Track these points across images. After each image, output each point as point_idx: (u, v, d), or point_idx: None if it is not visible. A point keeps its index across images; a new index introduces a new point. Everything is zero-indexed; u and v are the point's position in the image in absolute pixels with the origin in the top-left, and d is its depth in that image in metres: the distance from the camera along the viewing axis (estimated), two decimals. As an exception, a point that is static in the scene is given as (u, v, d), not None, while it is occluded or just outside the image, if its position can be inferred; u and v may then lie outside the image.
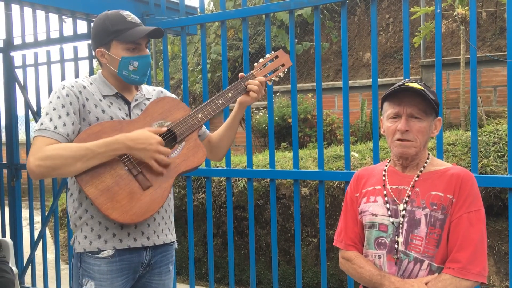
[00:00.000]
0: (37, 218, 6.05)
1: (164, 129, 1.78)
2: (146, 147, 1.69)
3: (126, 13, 1.82)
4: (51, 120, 1.71)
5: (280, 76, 2.06)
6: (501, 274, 3.51)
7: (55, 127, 1.69)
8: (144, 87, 1.97)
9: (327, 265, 3.45)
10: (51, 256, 4.79)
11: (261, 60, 2.03)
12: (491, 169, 3.53)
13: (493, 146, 3.72)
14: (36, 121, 3.90)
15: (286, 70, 2.06)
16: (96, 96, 1.80)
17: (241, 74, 1.97)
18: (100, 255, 1.76)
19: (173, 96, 2.01)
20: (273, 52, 2.06)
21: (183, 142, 1.83)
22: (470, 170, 2.46)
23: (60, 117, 1.71)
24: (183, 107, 1.90)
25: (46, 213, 3.90)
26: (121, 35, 1.77)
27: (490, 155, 3.65)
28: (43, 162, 1.63)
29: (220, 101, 1.90)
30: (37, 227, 5.07)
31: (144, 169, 1.75)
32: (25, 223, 4.93)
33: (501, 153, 3.63)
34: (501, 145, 3.69)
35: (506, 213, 2.55)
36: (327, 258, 3.27)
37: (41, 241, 3.88)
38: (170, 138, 1.82)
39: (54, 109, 1.72)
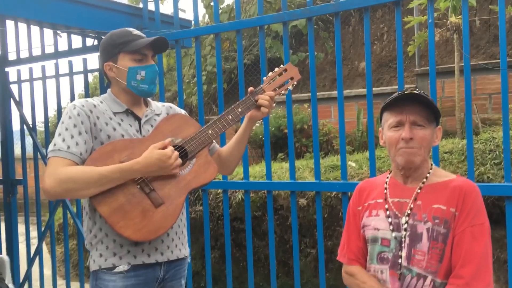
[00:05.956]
0: (34, 233, 6.01)
1: (167, 140, 1.80)
2: (162, 166, 1.73)
3: (131, 29, 1.90)
4: (64, 140, 1.74)
5: (289, 89, 2.07)
6: (500, 283, 3.49)
7: (68, 147, 1.73)
8: (154, 103, 2.01)
9: (326, 276, 3.42)
10: (48, 271, 4.75)
11: (270, 74, 2.05)
12: (488, 177, 3.53)
13: (489, 153, 3.72)
14: (32, 137, 3.90)
15: (295, 83, 2.08)
16: (107, 114, 1.83)
17: (250, 88, 1.98)
18: (115, 270, 1.77)
19: (183, 111, 2.06)
20: (282, 66, 2.08)
21: (194, 158, 1.87)
22: (466, 178, 2.46)
23: (72, 136, 1.75)
24: (193, 123, 1.94)
25: (43, 228, 3.87)
26: (128, 45, 1.82)
27: (487, 163, 3.64)
28: (58, 185, 1.67)
29: (230, 117, 1.93)
30: (34, 242, 5.03)
31: (156, 186, 1.77)
32: (22, 239, 4.89)
33: (498, 161, 3.63)
34: (497, 152, 3.69)
35: (505, 221, 2.54)
36: (326, 270, 3.25)
37: (37, 257, 3.85)
38: (182, 155, 1.83)
39: (66, 129, 1.76)
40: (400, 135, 1.59)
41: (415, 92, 1.60)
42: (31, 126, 3.91)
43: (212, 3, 7.55)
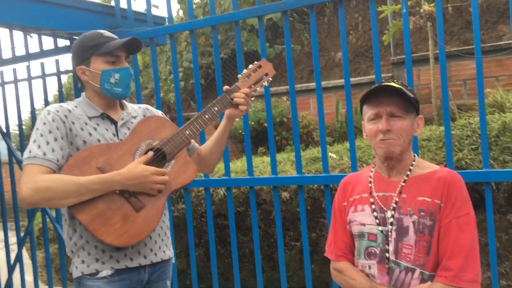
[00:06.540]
0: (13, 239, 5.90)
1: (150, 154, 1.78)
2: (143, 181, 1.71)
3: (102, 30, 1.87)
4: (39, 147, 1.71)
5: (264, 85, 2.06)
6: (482, 265, 3.54)
7: (44, 154, 1.70)
8: (130, 106, 1.98)
9: (312, 268, 3.44)
10: (29, 278, 4.67)
11: (245, 71, 2.03)
12: (466, 162, 3.58)
13: (466, 139, 3.77)
14: (6, 141, 3.81)
15: (270, 79, 2.06)
16: (82, 119, 1.80)
17: (226, 87, 1.96)
18: (99, 276, 1.76)
19: (160, 112, 2.04)
20: (256, 62, 2.06)
21: (173, 160, 1.85)
22: (445, 165, 2.49)
23: (48, 143, 1.71)
24: (170, 125, 1.92)
25: (22, 234, 3.80)
26: (100, 48, 1.79)
27: (465, 149, 3.69)
28: (36, 193, 1.64)
29: (207, 116, 1.91)
30: (13, 248, 4.94)
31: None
32: (1, 245, 4.80)
33: (475, 146, 3.68)
34: (474, 138, 3.74)
35: (484, 205, 2.58)
36: (311, 261, 3.27)
37: (18, 263, 3.78)
38: (160, 157, 1.81)
39: (42, 135, 1.72)
40: (378, 128, 1.59)
41: (391, 83, 1.59)
42: (4, 130, 3.82)
43: (185, -2, 7.47)
